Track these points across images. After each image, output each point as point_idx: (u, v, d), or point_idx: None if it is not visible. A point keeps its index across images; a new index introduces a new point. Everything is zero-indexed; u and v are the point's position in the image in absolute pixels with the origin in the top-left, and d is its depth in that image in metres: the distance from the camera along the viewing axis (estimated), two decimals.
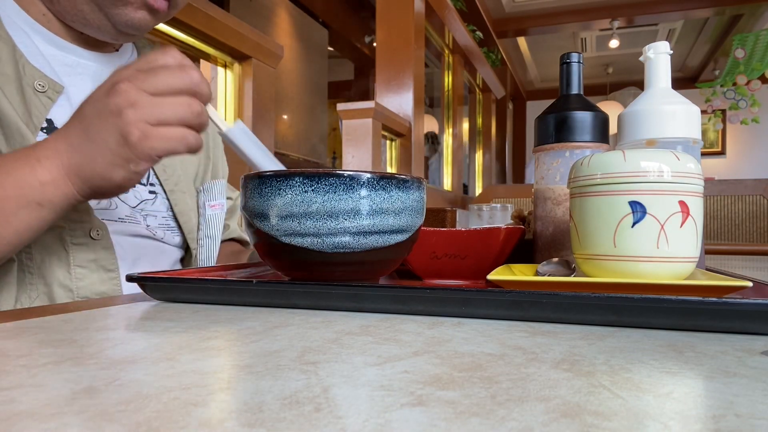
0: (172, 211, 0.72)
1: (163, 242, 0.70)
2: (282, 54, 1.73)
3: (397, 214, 0.41)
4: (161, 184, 0.71)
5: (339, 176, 0.39)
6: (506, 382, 0.24)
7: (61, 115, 0.61)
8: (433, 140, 4.81)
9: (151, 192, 0.70)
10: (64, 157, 0.48)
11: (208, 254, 0.77)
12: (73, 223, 0.58)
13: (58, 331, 0.34)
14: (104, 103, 0.47)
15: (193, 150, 0.49)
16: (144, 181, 0.69)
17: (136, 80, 0.47)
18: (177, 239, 0.73)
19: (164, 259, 0.71)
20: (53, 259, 0.58)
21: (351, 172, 0.39)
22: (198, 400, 0.21)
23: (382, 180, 0.40)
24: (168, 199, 0.72)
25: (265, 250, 0.44)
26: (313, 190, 0.39)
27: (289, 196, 0.39)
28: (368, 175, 0.40)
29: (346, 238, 0.39)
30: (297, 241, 0.40)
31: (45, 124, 0.60)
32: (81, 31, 0.64)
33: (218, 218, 0.78)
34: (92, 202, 0.62)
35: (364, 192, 0.39)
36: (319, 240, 0.39)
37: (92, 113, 0.48)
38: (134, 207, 0.67)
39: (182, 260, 0.76)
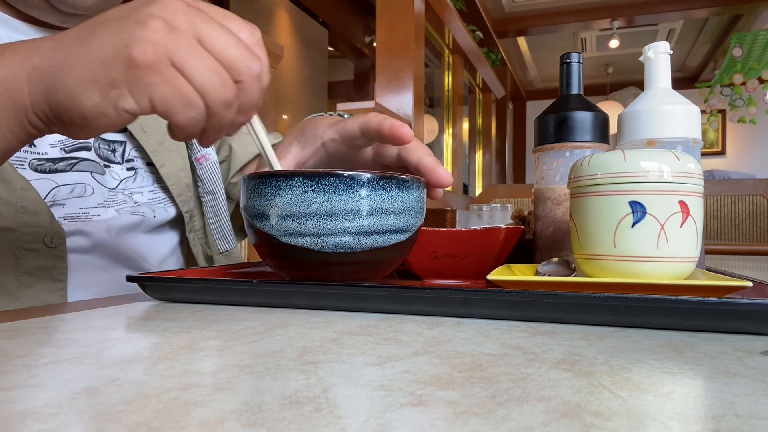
0: (160, 179, 0.67)
1: (155, 227, 0.67)
2: (282, 54, 1.73)
3: (398, 214, 0.41)
4: (141, 148, 0.66)
5: (339, 176, 0.39)
6: (506, 382, 0.24)
7: None
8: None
9: (129, 169, 0.66)
10: (37, 56, 0.37)
11: (215, 211, 0.72)
12: (26, 228, 0.55)
13: (57, 331, 0.34)
14: (136, 7, 0.35)
15: (189, 131, 0.37)
16: (119, 159, 0.65)
17: (193, 14, 0.35)
18: (171, 210, 0.69)
19: (156, 250, 0.68)
20: (1, 266, 0.54)
21: (351, 172, 0.39)
22: (198, 400, 0.21)
23: (382, 180, 0.40)
24: (150, 170, 0.67)
25: (265, 250, 0.44)
26: (313, 190, 0.39)
27: (289, 196, 0.39)
28: (368, 175, 0.39)
29: (346, 238, 0.39)
30: (297, 241, 0.40)
31: None
32: (25, 12, 0.59)
33: (211, 171, 0.72)
34: (64, 191, 0.58)
35: (364, 192, 0.39)
36: (319, 240, 0.39)
37: (112, 15, 0.36)
38: (114, 188, 0.63)
39: (181, 240, 0.72)
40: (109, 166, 0.64)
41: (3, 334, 0.33)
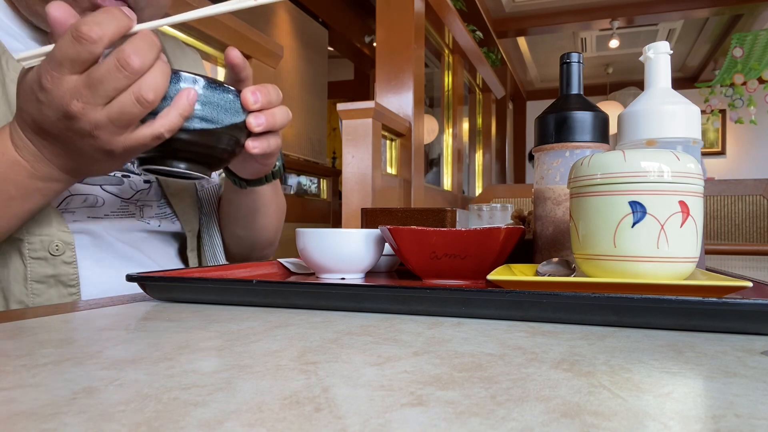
0: (166, 196, 0.70)
1: (159, 232, 0.69)
2: (282, 54, 1.73)
3: (203, 105, 0.48)
4: None
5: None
6: (506, 382, 0.24)
7: None
8: None
9: (146, 181, 0.68)
10: (57, 163, 0.48)
11: (210, 233, 0.75)
12: (31, 236, 0.56)
13: (58, 331, 0.34)
14: (66, 127, 0.44)
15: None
16: (138, 171, 0.67)
17: (83, 97, 0.42)
18: (176, 225, 0.71)
19: (158, 254, 0.69)
20: (11, 273, 0.56)
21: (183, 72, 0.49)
22: (198, 400, 0.21)
23: (195, 76, 0.48)
24: (160, 185, 0.70)
25: None
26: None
27: None
28: (183, 73, 0.48)
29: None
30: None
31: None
32: (37, 25, 0.61)
33: (211, 194, 0.76)
34: (77, 200, 0.61)
35: (185, 84, 0.47)
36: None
37: (59, 137, 0.45)
38: (129, 199, 0.66)
39: (182, 251, 0.74)
40: (129, 176, 0.66)
41: (3, 334, 0.33)
